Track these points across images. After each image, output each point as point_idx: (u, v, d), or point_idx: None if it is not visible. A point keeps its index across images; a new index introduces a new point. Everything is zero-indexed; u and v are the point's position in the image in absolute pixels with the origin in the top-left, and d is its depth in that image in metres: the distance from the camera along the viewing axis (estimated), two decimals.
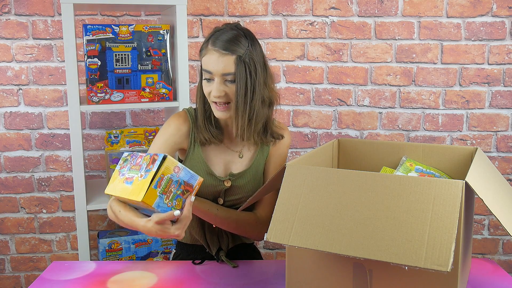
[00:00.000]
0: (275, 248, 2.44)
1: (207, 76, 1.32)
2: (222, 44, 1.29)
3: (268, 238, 1.03)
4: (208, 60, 1.30)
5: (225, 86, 1.31)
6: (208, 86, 1.33)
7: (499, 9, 2.22)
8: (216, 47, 1.29)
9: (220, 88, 1.31)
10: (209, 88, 1.33)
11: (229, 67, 1.29)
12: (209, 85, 1.33)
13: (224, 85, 1.31)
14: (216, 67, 1.29)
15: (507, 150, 2.33)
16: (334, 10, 2.24)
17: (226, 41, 1.30)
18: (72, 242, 2.34)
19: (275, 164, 1.48)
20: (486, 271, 1.37)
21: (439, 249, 0.89)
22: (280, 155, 1.49)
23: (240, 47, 1.30)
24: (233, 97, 1.33)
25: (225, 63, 1.29)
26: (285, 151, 1.50)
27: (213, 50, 1.30)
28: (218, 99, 1.32)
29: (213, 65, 1.30)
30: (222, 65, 1.29)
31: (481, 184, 1.03)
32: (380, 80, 2.29)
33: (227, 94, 1.32)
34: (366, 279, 1.08)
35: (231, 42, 1.30)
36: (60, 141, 2.25)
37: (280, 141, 1.48)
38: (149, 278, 1.33)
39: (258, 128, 1.38)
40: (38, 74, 2.20)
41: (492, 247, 2.40)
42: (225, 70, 1.29)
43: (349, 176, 1.04)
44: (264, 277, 1.35)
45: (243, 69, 1.29)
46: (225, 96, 1.32)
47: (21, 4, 2.14)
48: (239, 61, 1.29)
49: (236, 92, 1.31)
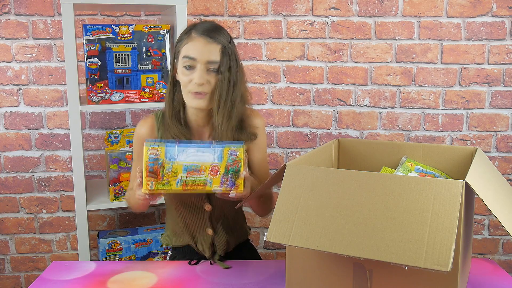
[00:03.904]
0: (275, 248, 2.44)
1: (188, 63, 1.30)
2: (208, 33, 1.30)
3: (268, 238, 1.03)
4: (192, 47, 1.30)
5: (207, 76, 1.30)
6: (189, 74, 1.31)
7: (499, 9, 2.22)
8: (202, 35, 1.29)
9: (203, 76, 1.29)
10: (190, 77, 1.30)
11: (214, 55, 1.29)
12: (189, 73, 1.31)
13: (206, 74, 1.30)
14: (201, 54, 1.29)
15: (507, 150, 2.33)
16: (334, 10, 2.24)
17: (211, 30, 1.31)
18: (72, 242, 2.34)
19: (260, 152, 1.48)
20: (486, 271, 1.37)
21: (439, 249, 0.89)
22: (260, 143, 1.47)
23: (224, 37, 1.32)
24: (214, 87, 1.31)
25: (211, 51, 1.29)
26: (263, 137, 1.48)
27: (198, 37, 1.30)
28: (200, 88, 1.29)
29: (198, 51, 1.29)
30: (208, 52, 1.29)
31: (481, 184, 1.03)
32: (380, 80, 2.29)
33: (209, 83, 1.30)
34: (366, 279, 1.08)
35: (216, 31, 1.31)
36: (60, 141, 2.25)
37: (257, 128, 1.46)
38: (149, 278, 1.33)
39: (233, 124, 1.36)
40: (38, 74, 2.20)
41: (492, 247, 2.40)
42: (210, 57, 1.29)
43: (349, 176, 1.04)
44: (264, 277, 1.35)
45: (227, 59, 1.30)
46: (206, 85, 1.30)
47: (21, 4, 2.14)
48: (224, 51, 1.30)
49: (220, 82, 1.30)
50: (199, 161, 1.15)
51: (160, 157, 1.15)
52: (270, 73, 2.29)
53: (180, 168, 1.15)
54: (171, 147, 1.15)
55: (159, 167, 1.15)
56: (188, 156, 1.15)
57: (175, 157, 1.15)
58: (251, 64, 2.27)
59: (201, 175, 1.15)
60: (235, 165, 1.17)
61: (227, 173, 1.17)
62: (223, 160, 1.16)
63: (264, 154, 1.52)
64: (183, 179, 1.15)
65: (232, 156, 1.17)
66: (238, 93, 1.34)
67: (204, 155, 1.15)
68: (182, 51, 1.32)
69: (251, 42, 2.26)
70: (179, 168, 1.15)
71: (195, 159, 1.14)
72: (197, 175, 1.15)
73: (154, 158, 1.14)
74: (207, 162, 1.16)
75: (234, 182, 1.19)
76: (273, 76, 2.29)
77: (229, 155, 1.16)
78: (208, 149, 1.16)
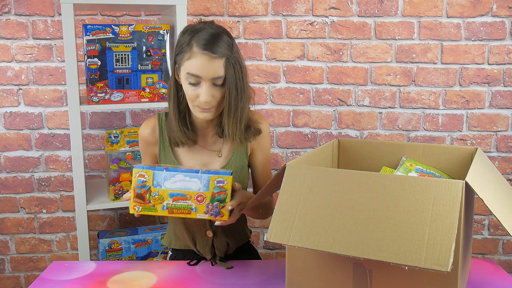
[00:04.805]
0: (275, 248, 2.44)
1: (192, 80, 1.27)
2: (210, 47, 1.24)
3: (268, 238, 1.03)
4: (196, 64, 1.25)
5: (213, 90, 1.29)
6: (194, 90, 1.28)
7: (499, 9, 2.22)
8: (204, 50, 1.24)
9: (210, 93, 1.28)
10: (196, 92, 1.28)
11: (219, 70, 1.26)
12: (195, 89, 1.28)
13: (213, 89, 1.28)
14: (205, 71, 1.25)
15: (507, 150, 2.33)
16: (334, 10, 2.24)
17: (212, 43, 1.25)
18: (72, 242, 2.34)
19: (264, 154, 1.50)
20: (486, 271, 1.37)
21: (439, 249, 0.89)
22: (264, 145, 1.50)
23: (226, 48, 1.26)
24: (221, 99, 1.31)
25: (216, 67, 1.25)
26: (267, 140, 1.50)
27: (201, 53, 1.24)
28: (207, 105, 1.29)
29: (202, 69, 1.25)
30: (213, 70, 1.25)
31: (481, 184, 1.03)
32: (380, 80, 2.29)
33: (215, 97, 1.30)
34: (366, 279, 1.08)
35: (217, 42, 1.25)
36: (60, 141, 2.26)
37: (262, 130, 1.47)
38: (149, 278, 1.33)
39: (242, 128, 1.37)
40: (38, 74, 2.20)
41: (492, 247, 2.40)
42: (216, 74, 1.26)
43: (349, 176, 1.04)
44: (264, 277, 1.35)
45: (232, 71, 1.27)
46: (213, 100, 1.29)
47: (21, 4, 2.14)
48: (228, 63, 1.26)
49: (228, 95, 1.29)
50: (185, 189, 1.17)
51: (147, 182, 1.17)
52: (270, 73, 2.29)
53: (166, 194, 1.17)
54: (159, 173, 1.17)
55: (146, 191, 1.18)
56: (175, 182, 1.17)
57: (162, 183, 1.17)
58: (251, 64, 2.27)
59: (186, 201, 1.18)
60: (221, 194, 1.18)
61: (212, 201, 1.19)
62: (209, 188, 1.18)
63: (267, 158, 1.53)
64: (169, 204, 1.18)
65: (219, 185, 1.18)
66: (245, 100, 1.33)
67: (191, 182, 1.17)
68: (185, 66, 1.27)
69: (251, 42, 2.26)
70: (165, 194, 1.17)
71: (181, 186, 1.17)
72: (183, 201, 1.17)
73: (142, 183, 1.17)
74: (193, 190, 1.18)
75: (219, 211, 1.20)
76: (273, 76, 2.29)
77: (216, 183, 1.18)
78: (196, 176, 1.17)
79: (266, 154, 1.52)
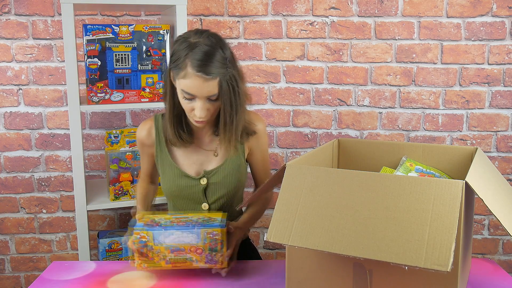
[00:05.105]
0: (275, 248, 2.44)
1: (187, 96, 1.30)
2: (203, 68, 1.25)
3: (268, 238, 1.03)
4: (190, 85, 1.27)
5: (208, 104, 1.31)
6: (190, 103, 1.31)
7: (499, 9, 2.22)
8: (198, 72, 1.25)
9: (204, 108, 1.30)
10: (191, 106, 1.31)
11: (213, 89, 1.28)
12: (190, 102, 1.31)
13: (207, 103, 1.31)
14: (200, 92, 1.28)
15: (507, 150, 2.33)
16: (334, 10, 2.24)
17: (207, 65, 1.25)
18: (72, 242, 2.34)
19: (262, 153, 1.54)
20: (486, 271, 1.37)
21: (439, 249, 0.89)
22: (262, 144, 1.53)
23: (220, 66, 1.27)
24: (216, 110, 1.34)
25: (210, 87, 1.27)
26: (265, 138, 1.53)
27: (195, 75, 1.25)
28: (202, 118, 1.32)
29: (197, 90, 1.27)
30: (207, 90, 1.28)
31: (481, 184, 1.03)
32: (380, 80, 2.29)
33: (209, 110, 1.32)
34: (366, 279, 1.08)
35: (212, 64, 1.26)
36: (60, 141, 2.25)
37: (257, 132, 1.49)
38: (149, 278, 1.33)
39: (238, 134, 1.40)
40: (38, 74, 2.20)
41: (492, 247, 2.40)
42: (210, 93, 1.29)
43: (349, 176, 1.04)
44: (264, 277, 1.35)
45: (226, 88, 1.29)
46: (208, 113, 1.32)
47: (21, 4, 2.14)
48: (222, 81, 1.28)
49: (223, 112, 1.32)
50: (183, 243, 1.27)
51: (148, 242, 1.27)
52: (270, 73, 2.29)
53: (168, 250, 1.27)
54: (158, 232, 1.26)
55: (149, 250, 1.27)
56: (173, 239, 1.27)
57: (162, 241, 1.27)
58: (251, 64, 2.27)
59: (186, 254, 1.28)
60: (216, 245, 1.27)
61: (210, 251, 1.28)
62: (205, 241, 1.27)
63: (266, 156, 1.57)
64: (171, 259, 1.28)
65: (214, 237, 1.27)
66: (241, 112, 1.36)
67: (188, 237, 1.27)
68: (180, 83, 1.29)
69: (251, 42, 2.26)
70: (166, 251, 1.27)
71: (180, 241, 1.27)
72: (183, 255, 1.28)
73: (144, 243, 1.27)
74: (190, 244, 1.27)
75: (218, 260, 1.29)
76: (273, 76, 2.29)
77: (211, 236, 1.27)
78: (192, 231, 1.27)
79: (265, 152, 1.55)
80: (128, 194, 1.94)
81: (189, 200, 1.47)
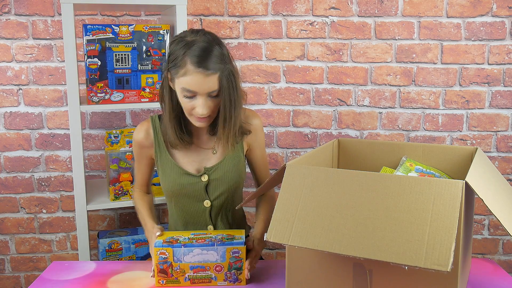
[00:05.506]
0: (275, 248, 2.44)
1: (188, 94, 1.31)
2: (203, 64, 1.27)
3: (268, 238, 1.03)
4: (191, 81, 1.28)
5: (209, 101, 1.33)
6: (190, 101, 1.32)
7: (499, 9, 2.22)
8: (199, 68, 1.27)
9: (206, 105, 1.32)
10: (192, 104, 1.32)
11: (214, 85, 1.30)
12: (190, 100, 1.32)
13: (208, 100, 1.32)
14: (201, 88, 1.29)
15: (507, 150, 2.33)
16: (334, 10, 2.24)
17: (206, 60, 1.27)
18: (72, 242, 2.34)
19: (261, 148, 1.56)
20: (486, 271, 1.37)
21: (439, 249, 0.89)
22: (261, 140, 1.55)
23: (219, 61, 1.29)
24: (216, 107, 1.35)
25: (211, 83, 1.29)
26: (262, 134, 1.55)
27: (195, 71, 1.27)
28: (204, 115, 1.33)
29: (197, 86, 1.29)
30: (208, 85, 1.29)
31: (481, 184, 1.03)
32: (380, 80, 2.29)
33: (211, 107, 1.34)
34: (366, 279, 1.08)
35: (211, 59, 1.28)
36: (60, 141, 2.25)
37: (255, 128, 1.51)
38: (149, 278, 1.33)
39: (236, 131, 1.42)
40: (38, 74, 2.20)
41: (492, 247, 2.40)
42: (211, 88, 1.30)
43: (349, 176, 1.04)
44: (264, 277, 1.35)
45: (226, 83, 1.31)
46: (209, 110, 1.33)
47: (21, 4, 2.14)
48: (222, 76, 1.30)
49: (223, 107, 1.34)
50: (204, 261, 1.28)
51: (168, 259, 1.27)
52: (270, 73, 2.29)
53: (187, 267, 1.28)
54: (178, 250, 1.27)
55: (168, 267, 1.28)
56: (193, 256, 1.27)
57: (182, 258, 1.27)
58: (251, 64, 2.27)
59: (206, 272, 1.28)
60: (237, 263, 1.28)
61: (230, 269, 1.29)
62: (226, 259, 1.28)
63: (264, 151, 1.58)
64: (190, 276, 1.29)
65: (235, 255, 1.28)
66: (239, 107, 1.38)
67: (208, 255, 1.27)
68: (180, 81, 1.30)
69: (251, 42, 2.26)
70: (186, 267, 1.28)
71: (200, 259, 1.27)
72: (203, 272, 1.28)
73: (164, 259, 1.27)
74: (211, 261, 1.28)
75: (238, 277, 1.30)
76: (273, 76, 2.29)
77: (232, 254, 1.28)
78: (212, 249, 1.27)
79: (263, 148, 1.57)
80: (128, 194, 1.94)
81: (191, 198, 1.47)
